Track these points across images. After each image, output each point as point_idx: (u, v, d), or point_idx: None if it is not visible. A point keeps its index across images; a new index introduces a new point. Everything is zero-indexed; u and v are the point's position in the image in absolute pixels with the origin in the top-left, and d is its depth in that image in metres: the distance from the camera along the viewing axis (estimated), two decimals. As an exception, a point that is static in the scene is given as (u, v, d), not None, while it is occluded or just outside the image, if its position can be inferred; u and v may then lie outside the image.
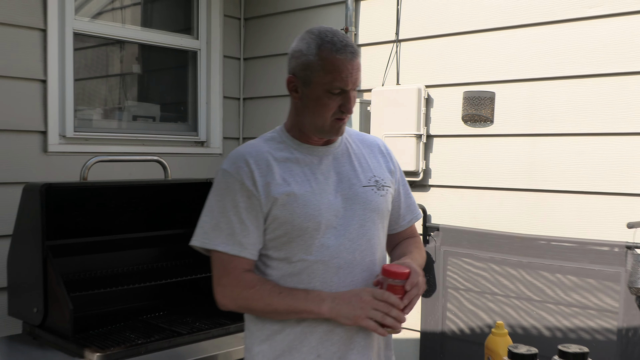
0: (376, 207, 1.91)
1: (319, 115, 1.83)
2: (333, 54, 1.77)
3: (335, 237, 1.84)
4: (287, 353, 1.85)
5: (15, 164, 3.10)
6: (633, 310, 2.68)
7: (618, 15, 2.78)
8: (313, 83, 1.81)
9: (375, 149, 2.04)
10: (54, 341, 2.56)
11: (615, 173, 2.80)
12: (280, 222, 1.81)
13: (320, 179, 1.87)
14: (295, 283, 1.83)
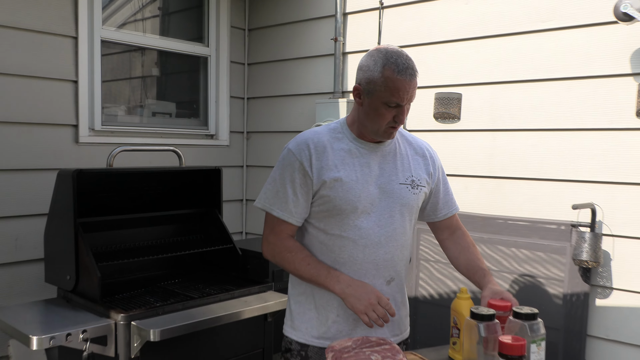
0: (407, 203, 1.95)
1: (375, 122, 1.86)
2: (395, 74, 1.79)
3: (367, 221, 1.89)
4: (314, 309, 1.94)
5: (51, 152, 3.12)
6: (576, 279, 2.71)
7: (566, 29, 2.80)
8: (374, 95, 1.82)
9: (420, 152, 2.06)
10: (84, 304, 2.59)
11: (562, 163, 2.83)
12: (325, 200, 1.87)
13: (365, 171, 1.90)
14: (327, 251, 1.91)
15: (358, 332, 1.91)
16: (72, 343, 2.30)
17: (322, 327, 1.93)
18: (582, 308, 2.69)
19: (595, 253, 2.58)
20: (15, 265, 2.99)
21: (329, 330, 1.92)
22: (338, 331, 1.92)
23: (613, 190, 2.68)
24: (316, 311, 1.94)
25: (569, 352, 2.72)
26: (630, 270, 2.64)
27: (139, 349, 2.39)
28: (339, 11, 3.59)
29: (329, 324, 1.92)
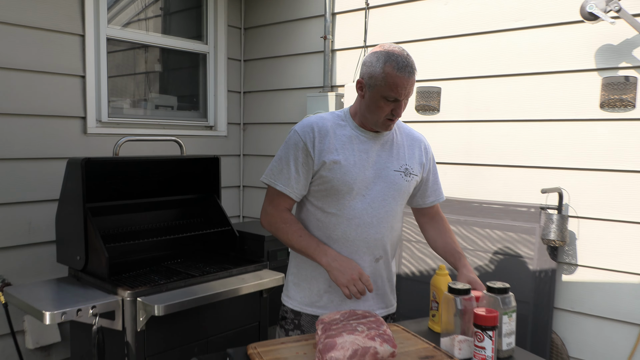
0: (399, 188, 1.97)
1: (375, 114, 1.88)
2: (394, 71, 1.80)
3: (361, 203, 1.91)
4: (309, 279, 1.97)
5: (61, 142, 3.10)
6: (544, 257, 2.73)
7: (537, 27, 2.80)
8: (375, 89, 1.84)
9: (416, 144, 2.07)
10: (93, 282, 2.59)
11: (532, 151, 2.84)
12: (324, 180, 1.89)
13: (363, 157, 1.92)
14: (323, 227, 1.94)
15: (348, 302, 1.93)
16: (83, 318, 2.30)
17: (314, 296, 1.96)
18: (550, 283, 2.72)
19: (562, 233, 2.61)
20: (29, 247, 2.98)
21: (321, 300, 1.95)
22: (329, 301, 1.94)
23: (578, 176, 2.70)
24: (309, 282, 1.97)
25: (537, 323, 2.74)
26: (593, 248, 2.66)
27: (144, 323, 2.40)
28: (328, 11, 3.57)
29: (321, 293, 1.95)
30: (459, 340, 1.59)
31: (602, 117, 2.62)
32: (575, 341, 2.73)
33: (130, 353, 2.42)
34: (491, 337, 1.49)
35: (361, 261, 1.94)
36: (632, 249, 2.56)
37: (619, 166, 2.58)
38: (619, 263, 2.59)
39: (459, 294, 1.60)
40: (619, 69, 2.57)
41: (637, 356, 2.55)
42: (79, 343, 2.73)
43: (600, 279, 2.65)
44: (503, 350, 1.60)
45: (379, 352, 1.51)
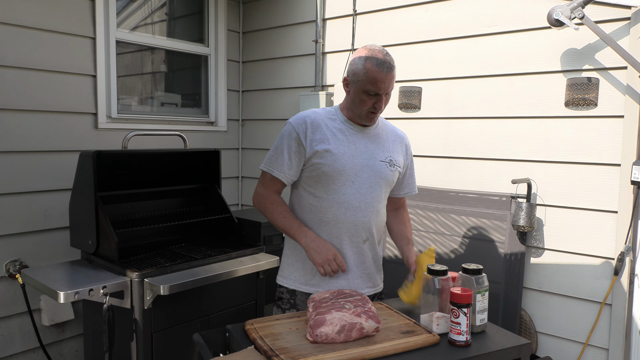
0: (384, 177, 1.98)
1: (358, 107, 1.91)
2: (374, 67, 1.82)
3: (350, 189, 1.92)
4: (303, 259, 1.97)
5: (74, 136, 3.06)
6: (514, 241, 2.74)
7: (509, 33, 2.80)
8: (357, 85, 1.87)
9: (399, 140, 2.10)
10: (104, 264, 2.57)
11: (504, 145, 2.84)
12: (316, 167, 1.90)
13: (351, 147, 1.93)
14: (315, 211, 1.95)
15: (339, 281, 1.94)
16: (94, 297, 2.29)
17: (308, 275, 1.96)
18: (519, 265, 2.73)
19: (530, 220, 2.61)
20: (45, 232, 2.95)
21: (314, 278, 1.95)
22: (322, 279, 1.95)
23: (545, 167, 2.70)
24: (303, 262, 1.97)
25: (508, 300, 2.75)
26: (558, 233, 2.67)
27: (151, 301, 2.39)
28: (319, 17, 3.54)
29: (315, 272, 1.95)
30: (437, 316, 1.59)
31: (567, 115, 2.62)
32: (542, 317, 2.74)
33: (138, 329, 2.41)
34: (466, 314, 1.49)
35: (349, 242, 1.94)
36: (593, 234, 2.57)
37: (582, 159, 2.59)
38: (581, 246, 2.60)
39: (437, 274, 1.60)
40: (583, 71, 2.57)
41: (597, 331, 2.57)
42: (91, 320, 2.71)
43: (564, 261, 2.66)
44: (477, 326, 1.60)
45: (364, 328, 1.50)
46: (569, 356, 2.66)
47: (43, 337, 2.92)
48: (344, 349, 1.43)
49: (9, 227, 2.81)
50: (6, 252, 2.81)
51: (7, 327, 2.84)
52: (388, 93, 1.89)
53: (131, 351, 2.44)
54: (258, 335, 1.52)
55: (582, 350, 2.60)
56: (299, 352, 1.41)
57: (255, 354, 1.44)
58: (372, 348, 1.44)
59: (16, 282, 2.80)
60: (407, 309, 1.81)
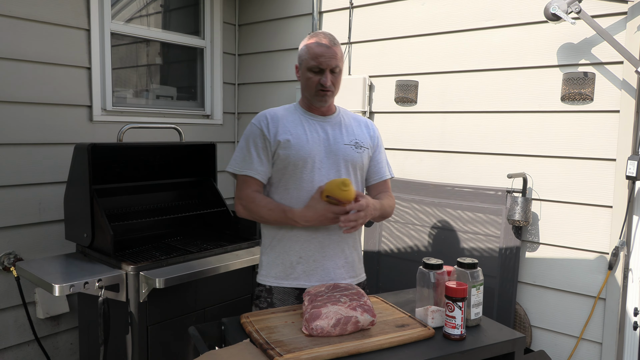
0: (351, 160, 1.97)
1: (307, 88, 1.94)
2: (314, 44, 1.89)
3: (318, 176, 1.91)
4: (281, 255, 1.95)
5: (69, 129, 3.05)
6: (510, 236, 2.75)
7: (506, 27, 2.79)
8: (302, 66, 1.93)
9: (362, 123, 2.10)
10: (99, 257, 2.57)
11: (499, 139, 2.84)
12: (282, 158, 1.90)
13: (314, 135, 1.94)
14: (287, 203, 1.92)
15: (318, 271, 1.92)
16: (89, 290, 2.29)
17: (287, 269, 1.94)
18: (514, 259, 2.74)
19: (526, 214, 2.63)
20: (40, 225, 2.94)
21: (294, 272, 1.93)
22: (302, 271, 1.93)
23: (541, 162, 2.71)
24: (282, 257, 1.95)
25: (503, 295, 2.77)
26: (554, 228, 2.69)
27: (146, 294, 2.39)
28: (315, 10, 3.53)
29: (294, 265, 1.93)
30: (432, 310, 1.60)
31: (563, 109, 2.63)
32: (536, 311, 2.76)
33: (134, 322, 2.41)
34: (461, 308, 1.50)
35: (325, 230, 1.92)
36: (588, 228, 2.58)
37: (578, 153, 2.60)
38: (576, 241, 2.62)
39: (432, 268, 1.61)
40: (579, 66, 2.58)
41: (591, 325, 2.59)
42: (86, 313, 2.72)
43: (559, 255, 2.67)
44: (471, 320, 1.61)
45: (359, 321, 1.51)
46: (563, 350, 2.68)
47: (38, 330, 2.92)
48: (340, 342, 1.44)
49: (3, 220, 2.80)
50: (0, 244, 2.80)
51: (2, 320, 2.84)
52: (335, 70, 1.90)
53: (127, 344, 2.45)
54: (254, 328, 1.53)
55: (576, 344, 2.63)
56: (294, 346, 1.41)
57: (251, 347, 1.44)
58: (368, 341, 1.45)
59: (11, 275, 2.80)
60: (403, 303, 1.81)
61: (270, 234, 1.99)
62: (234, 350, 1.43)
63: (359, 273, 2.08)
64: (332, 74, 1.90)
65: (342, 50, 1.95)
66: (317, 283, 1.91)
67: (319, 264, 1.92)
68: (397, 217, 3.16)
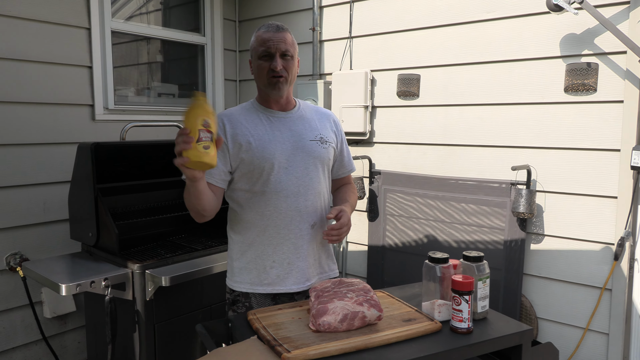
0: (318, 156, 1.91)
1: (260, 78, 1.88)
2: (262, 31, 1.86)
3: (285, 175, 1.85)
4: (254, 260, 1.90)
5: (71, 128, 3.05)
6: (514, 228, 2.75)
7: (507, 18, 2.79)
8: (253, 56, 1.88)
9: (324, 117, 2.03)
10: (105, 256, 2.58)
11: (503, 132, 2.84)
12: (246, 162, 1.83)
13: (276, 133, 1.87)
14: (255, 206, 1.87)
15: (293, 273, 1.88)
16: (96, 289, 2.30)
17: (261, 275, 1.88)
18: (519, 251, 2.74)
19: (530, 206, 2.62)
20: (45, 225, 2.95)
21: (268, 277, 1.88)
22: (276, 276, 1.88)
23: (545, 154, 2.71)
24: (255, 263, 1.89)
25: (508, 287, 2.77)
26: (558, 219, 2.68)
27: (152, 293, 2.40)
28: (316, 4, 3.52)
29: (267, 270, 1.88)
30: (439, 304, 1.60)
31: (566, 100, 2.62)
32: (542, 303, 2.76)
33: (140, 320, 2.42)
34: (467, 301, 1.50)
35: (298, 230, 1.87)
36: (593, 220, 2.58)
37: (582, 145, 2.59)
38: (581, 232, 2.62)
39: (438, 262, 1.61)
40: (582, 56, 2.57)
41: (598, 316, 2.59)
42: (93, 312, 2.73)
43: (564, 247, 2.67)
44: (478, 313, 1.61)
45: (366, 316, 1.51)
46: (570, 341, 2.68)
47: (45, 329, 2.94)
48: (347, 337, 1.44)
49: (8, 220, 2.81)
50: (6, 245, 2.81)
51: (9, 320, 2.85)
52: (286, 54, 1.83)
53: (134, 342, 2.46)
54: (261, 325, 1.53)
55: (583, 335, 2.63)
56: (302, 342, 1.42)
57: (259, 343, 1.45)
58: (375, 336, 1.45)
59: (17, 275, 2.81)
60: (409, 297, 1.82)
61: (239, 239, 1.93)
62: (241, 347, 1.44)
63: (328, 269, 2.03)
64: (284, 59, 1.83)
65: (293, 37, 1.87)
66: (293, 285, 1.88)
67: (294, 266, 1.88)
68: (401, 211, 3.16)
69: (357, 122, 3.28)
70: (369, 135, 3.34)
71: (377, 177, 3.29)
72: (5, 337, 2.84)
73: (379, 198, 3.27)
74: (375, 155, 3.36)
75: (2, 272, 2.80)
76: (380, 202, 3.27)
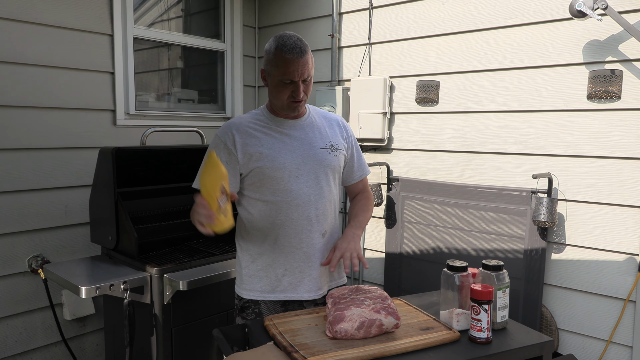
0: (329, 164, 1.91)
1: (277, 99, 1.84)
2: (283, 53, 1.77)
3: (296, 184, 1.85)
4: (265, 268, 1.91)
5: (93, 133, 3.10)
6: (535, 237, 2.71)
7: (529, 25, 2.76)
8: (272, 75, 1.82)
9: (334, 123, 2.02)
10: (124, 260, 2.61)
11: (524, 139, 2.81)
12: (257, 172, 1.83)
13: (286, 142, 1.87)
14: (266, 215, 1.87)
15: (305, 282, 1.89)
16: (115, 292, 2.32)
17: (273, 283, 1.89)
18: (540, 261, 2.70)
19: (552, 215, 2.58)
20: (66, 228, 3.00)
21: (281, 284, 1.89)
22: (289, 283, 1.89)
23: (567, 162, 2.67)
24: (266, 271, 1.90)
25: (528, 297, 2.73)
26: (580, 229, 2.64)
27: (170, 296, 2.41)
28: (335, 11, 3.53)
29: (279, 278, 1.89)
30: (457, 313, 1.59)
31: (589, 108, 2.58)
32: (563, 314, 2.71)
33: (158, 324, 2.43)
34: (487, 311, 1.48)
35: (309, 239, 1.88)
36: (616, 229, 2.53)
37: (605, 153, 2.55)
38: (604, 242, 2.57)
39: (457, 271, 1.59)
40: (606, 63, 2.53)
41: (621, 328, 2.53)
42: (112, 315, 2.75)
43: (587, 257, 2.62)
44: (497, 323, 1.59)
45: (384, 324, 1.50)
46: (592, 353, 2.63)
47: (65, 331, 2.97)
48: (364, 345, 1.43)
49: (30, 223, 2.86)
50: (28, 247, 2.85)
51: (30, 321, 2.89)
52: (306, 80, 1.81)
53: (151, 346, 2.47)
54: (277, 331, 1.53)
55: (605, 348, 2.57)
56: (318, 348, 1.41)
57: (275, 349, 1.45)
58: (392, 344, 1.44)
59: (38, 277, 2.85)
60: (427, 305, 1.80)
61: (249, 247, 1.93)
62: (257, 352, 1.44)
63: (338, 277, 2.04)
64: (304, 84, 1.82)
65: (312, 56, 1.85)
66: (305, 293, 1.89)
67: (305, 274, 1.89)
68: (419, 218, 3.14)
69: (375, 128, 3.28)
70: (387, 141, 3.33)
71: (395, 184, 3.27)
72: (26, 338, 2.88)
73: (397, 205, 3.25)
74: (393, 162, 3.34)
75: (24, 274, 2.85)
76: (398, 209, 3.25)
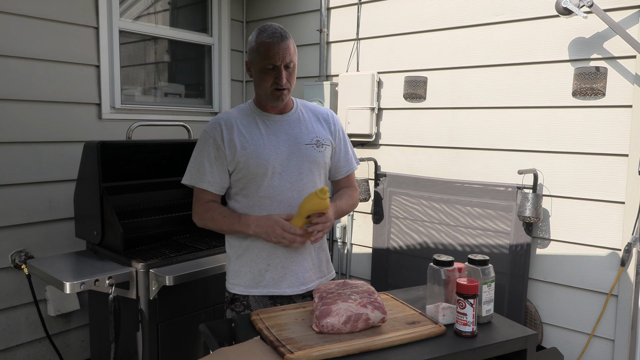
0: (314, 160, 1.90)
1: (261, 87, 1.83)
2: (264, 39, 1.77)
3: (279, 180, 1.85)
4: (248, 264, 1.91)
5: (78, 127, 3.06)
6: (520, 232, 2.74)
7: (516, 22, 2.78)
8: (254, 63, 1.82)
9: (322, 117, 2.01)
10: (109, 255, 2.59)
11: (510, 135, 2.83)
12: (241, 167, 1.83)
13: (272, 138, 1.86)
14: (250, 212, 1.87)
15: (287, 277, 1.89)
16: (100, 287, 2.31)
17: (257, 278, 1.90)
18: (525, 256, 2.73)
19: (537, 210, 2.61)
20: (50, 223, 2.97)
21: (264, 279, 1.89)
22: (272, 279, 1.89)
23: (552, 158, 2.69)
24: (249, 266, 1.90)
25: (513, 291, 2.76)
26: (565, 224, 2.67)
27: (156, 292, 2.40)
28: (324, 6, 3.52)
29: (262, 273, 1.89)
30: (443, 307, 1.60)
31: (574, 105, 2.61)
32: (547, 308, 2.75)
33: (144, 319, 2.42)
34: (472, 305, 1.49)
35: None
36: (600, 225, 2.56)
37: (589, 149, 2.58)
38: (588, 237, 2.60)
39: (443, 265, 1.60)
40: (591, 60, 2.56)
41: (603, 322, 2.57)
42: (97, 310, 2.73)
43: (571, 252, 2.66)
44: (483, 317, 1.61)
45: (370, 318, 1.51)
46: (575, 347, 2.66)
47: (49, 327, 2.95)
48: (350, 339, 1.44)
49: (14, 218, 2.82)
50: (11, 242, 2.82)
51: (14, 318, 2.86)
52: (288, 65, 1.80)
53: (137, 341, 2.46)
54: (264, 325, 1.53)
55: (588, 341, 2.61)
56: (305, 343, 1.41)
57: (262, 344, 1.45)
58: (378, 338, 1.45)
59: (22, 272, 2.82)
60: (413, 300, 1.81)
61: (236, 244, 1.93)
62: (244, 347, 1.44)
63: (327, 272, 2.04)
64: (287, 70, 1.81)
65: (294, 44, 1.86)
66: (287, 289, 1.90)
67: (288, 270, 1.89)
68: (406, 213, 3.15)
69: (363, 124, 3.28)
70: (374, 137, 3.33)
71: (382, 180, 3.28)
72: (9, 335, 2.85)
73: (384, 200, 3.26)
74: (381, 158, 3.35)
75: (7, 270, 2.81)
76: (385, 205, 3.26)
